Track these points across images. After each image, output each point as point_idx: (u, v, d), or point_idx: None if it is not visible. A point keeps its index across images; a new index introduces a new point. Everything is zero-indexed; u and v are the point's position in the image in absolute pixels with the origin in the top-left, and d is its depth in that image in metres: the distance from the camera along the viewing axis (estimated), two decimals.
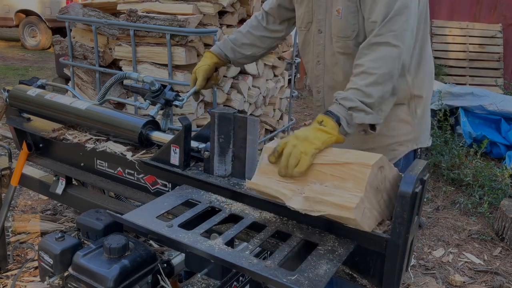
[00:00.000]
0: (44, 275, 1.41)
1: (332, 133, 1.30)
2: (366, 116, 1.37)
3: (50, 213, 3.26)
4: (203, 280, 1.37)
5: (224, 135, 1.49)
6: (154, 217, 1.28)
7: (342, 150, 1.25)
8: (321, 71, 1.68)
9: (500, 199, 3.74)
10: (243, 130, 1.47)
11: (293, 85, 3.86)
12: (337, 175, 1.16)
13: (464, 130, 4.88)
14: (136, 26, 2.76)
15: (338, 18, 1.53)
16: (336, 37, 1.57)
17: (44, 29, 10.87)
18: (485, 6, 7.38)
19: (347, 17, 1.51)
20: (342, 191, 1.13)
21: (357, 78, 1.39)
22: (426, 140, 1.74)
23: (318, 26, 1.63)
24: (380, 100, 1.38)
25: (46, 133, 1.99)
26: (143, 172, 1.75)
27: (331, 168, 1.17)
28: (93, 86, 3.18)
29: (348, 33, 1.53)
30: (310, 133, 1.29)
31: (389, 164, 1.21)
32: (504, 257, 3.18)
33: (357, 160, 1.14)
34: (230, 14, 3.09)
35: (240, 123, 1.47)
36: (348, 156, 1.18)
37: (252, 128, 1.46)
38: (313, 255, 1.14)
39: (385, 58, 1.37)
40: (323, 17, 1.61)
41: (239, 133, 1.48)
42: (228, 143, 1.49)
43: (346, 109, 1.36)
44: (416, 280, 2.84)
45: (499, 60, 7.20)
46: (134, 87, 1.98)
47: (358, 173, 1.12)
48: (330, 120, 1.33)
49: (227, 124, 1.48)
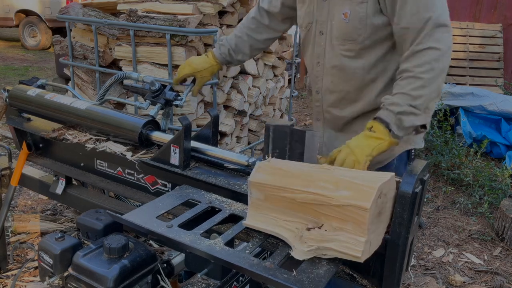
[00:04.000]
0: (44, 275, 1.41)
1: (383, 138, 1.34)
2: (415, 118, 1.39)
3: (50, 213, 3.25)
4: (203, 280, 1.37)
5: (279, 150, 1.39)
6: (154, 217, 1.28)
7: (337, 173, 1.17)
8: (320, 72, 1.68)
9: (500, 199, 3.74)
10: (300, 144, 1.38)
11: (293, 85, 3.86)
12: (335, 216, 1.09)
13: (464, 130, 4.88)
14: (136, 26, 2.76)
15: (345, 22, 1.53)
16: (341, 40, 1.57)
17: (44, 29, 10.86)
18: (485, 6, 7.37)
19: (354, 21, 1.51)
20: (343, 234, 1.08)
21: (404, 82, 1.41)
22: (419, 141, 1.74)
23: (320, 28, 1.63)
24: (427, 102, 1.40)
25: (46, 133, 1.99)
26: (143, 172, 1.75)
27: (327, 208, 1.10)
28: (93, 86, 3.18)
29: (354, 36, 1.53)
30: (361, 141, 1.32)
31: (388, 182, 1.13)
32: (504, 257, 3.18)
33: (353, 202, 1.05)
34: (230, 14, 3.09)
35: (297, 137, 1.38)
36: (343, 194, 1.08)
37: (311, 143, 1.38)
38: None
39: (431, 62, 1.39)
40: (325, 19, 1.61)
41: (296, 148, 1.38)
42: (283, 158, 1.37)
43: (394, 114, 1.38)
44: (416, 280, 2.84)
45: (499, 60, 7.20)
46: (134, 87, 1.98)
47: (357, 216, 1.05)
48: (379, 125, 1.36)
49: (282, 138, 1.38)
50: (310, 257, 1.13)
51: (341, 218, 1.08)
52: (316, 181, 1.14)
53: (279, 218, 1.19)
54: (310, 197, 1.12)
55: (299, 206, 1.14)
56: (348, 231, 1.07)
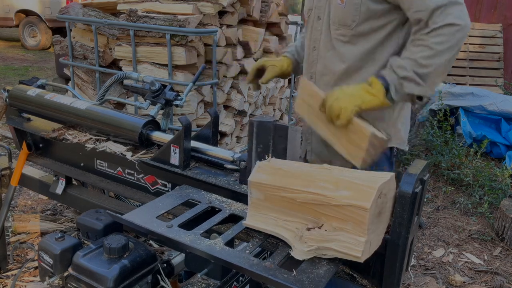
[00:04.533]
0: (44, 275, 1.41)
1: (377, 95, 1.38)
2: (416, 87, 1.40)
3: (50, 213, 3.25)
4: (203, 280, 1.37)
5: (263, 145, 1.41)
6: (154, 217, 1.28)
7: (337, 173, 1.17)
8: (315, 57, 1.71)
9: (500, 199, 3.74)
10: (283, 140, 1.39)
11: (293, 85, 3.86)
12: (335, 216, 1.09)
13: (464, 130, 4.87)
14: (136, 26, 2.76)
15: (341, 7, 1.55)
16: (337, 24, 1.59)
17: (44, 29, 10.86)
18: (485, 6, 7.38)
19: (350, 7, 1.53)
20: (343, 234, 1.08)
21: (417, 49, 1.41)
22: (405, 142, 1.74)
23: (318, 13, 1.68)
24: (434, 74, 1.40)
25: (46, 133, 1.99)
26: (143, 172, 1.75)
27: (327, 208, 1.10)
28: (93, 86, 3.18)
29: (348, 22, 1.55)
30: (355, 90, 1.39)
31: (388, 182, 1.13)
32: (504, 257, 3.18)
33: (353, 202, 1.05)
34: (230, 14, 3.09)
35: (281, 132, 1.39)
36: (343, 194, 1.08)
37: (293, 138, 1.39)
38: None
39: (447, 35, 1.38)
40: (323, 4, 1.65)
41: (279, 143, 1.40)
42: (266, 154, 1.39)
43: (398, 77, 1.40)
44: (416, 280, 2.84)
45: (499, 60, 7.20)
46: (134, 87, 1.98)
47: (357, 216, 1.05)
48: (378, 83, 1.41)
49: (266, 134, 1.40)
50: (310, 257, 1.13)
51: (341, 218, 1.08)
52: (316, 181, 1.14)
53: (279, 218, 1.19)
54: (310, 197, 1.12)
55: (299, 206, 1.15)
56: (348, 231, 1.07)
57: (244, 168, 1.48)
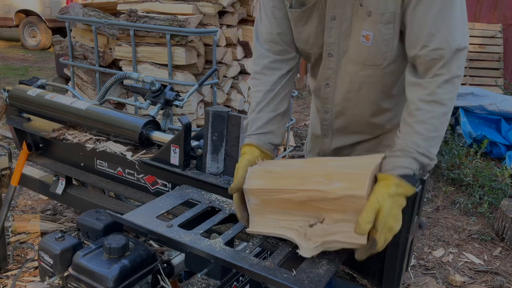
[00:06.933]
0: (44, 275, 1.41)
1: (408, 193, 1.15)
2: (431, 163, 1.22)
3: (50, 213, 3.25)
4: (203, 280, 1.37)
5: (218, 133, 1.50)
6: (154, 217, 1.28)
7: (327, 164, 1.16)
8: (330, 94, 1.52)
9: (500, 199, 3.74)
10: (236, 128, 1.48)
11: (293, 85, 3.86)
12: (333, 208, 1.09)
13: (464, 130, 4.88)
14: (136, 26, 2.76)
15: (367, 44, 1.32)
16: (363, 65, 1.37)
17: (44, 29, 10.86)
18: (485, 6, 7.38)
19: (379, 44, 1.31)
20: (345, 225, 1.09)
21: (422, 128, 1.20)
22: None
23: (328, 50, 1.43)
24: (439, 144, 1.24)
25: (46, 133, 1.99)
26: (143, 172, 1.75)
27: (325, 202, 1.10)
28: (93, 86, 3.18)
29: (378, 61, 1.34)
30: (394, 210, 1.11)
31: (378, 165, 1.13)
32: (504, 257, 3.18)
33: (348, 192, 1.06)
34: (230, 14, 3.09)
35: (234, 121, 1.49)
36: (338, 186, 1.08)
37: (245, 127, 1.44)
38: None
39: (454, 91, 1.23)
40: (335, 41, 1.40)
41: (233, 131, 1.50)
42: (221, 141, 1.51)
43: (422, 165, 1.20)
44: (416, 280, 2.84)
45: (499, 60, 7.20)
46: (134, 87, 1.98)
47: (355, 204, 1.06)
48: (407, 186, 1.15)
49: (221, 123, 1.49)
50: (318, 252, 1.13)
51: (340, 209, 1.09)
52: (308, 177, 1.14)
53: (281, 220, 1.20)
54: (306, 195, 1.12)
55: (297, 205, 1.15)
56: (349, 221, 1.08)
57: (200, 155, 1.57)
